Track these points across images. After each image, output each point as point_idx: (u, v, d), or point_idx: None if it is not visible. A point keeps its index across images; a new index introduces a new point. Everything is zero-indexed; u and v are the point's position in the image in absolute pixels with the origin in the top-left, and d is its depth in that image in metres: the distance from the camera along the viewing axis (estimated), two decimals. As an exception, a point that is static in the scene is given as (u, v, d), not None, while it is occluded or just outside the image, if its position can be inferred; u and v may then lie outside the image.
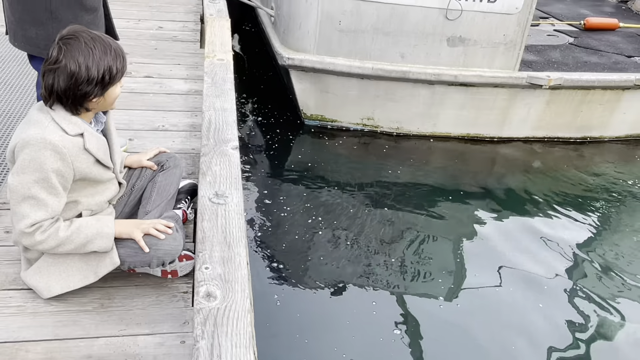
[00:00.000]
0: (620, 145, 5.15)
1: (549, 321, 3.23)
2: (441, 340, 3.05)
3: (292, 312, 3.13)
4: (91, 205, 1.77)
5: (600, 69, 4.76)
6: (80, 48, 1.55)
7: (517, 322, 3.20)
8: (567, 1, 6.87)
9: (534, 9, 4.34)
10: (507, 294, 3.40)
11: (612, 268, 3.75)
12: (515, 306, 3.32)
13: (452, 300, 3.33)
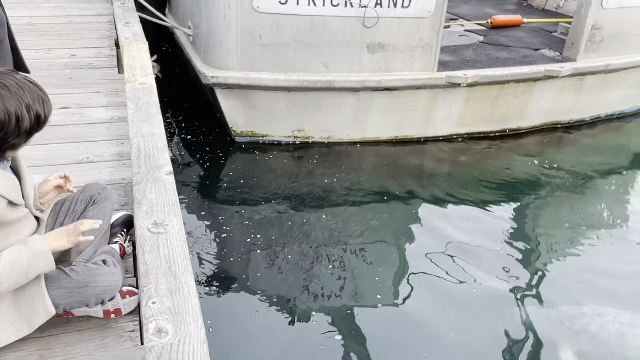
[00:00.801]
0: (536, 134, 5.46)
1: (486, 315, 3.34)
2: (382, 343, 3.08)
3: (247, 334, 3.06)
4: (7, 247, 1.64)
5: (511, 63, 5.03)
6: (8, 96, 1.44)
7: (455, 320, 3.27)
8: (472, 2, 7.23)
9: (445, 11, 4.53)
10: (447, 294, 3.48)
11: (545, 252, 3.96)
12: (454, 304, 3.39)
13: (391, 303, 3.37)
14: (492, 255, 3.82)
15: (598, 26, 4.93)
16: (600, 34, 4.97)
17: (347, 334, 3.10)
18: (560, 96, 5.26)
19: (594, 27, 4.92)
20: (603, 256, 3.90)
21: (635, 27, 5.09)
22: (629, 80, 5.45)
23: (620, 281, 3.63)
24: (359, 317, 3.23)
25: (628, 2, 4.91)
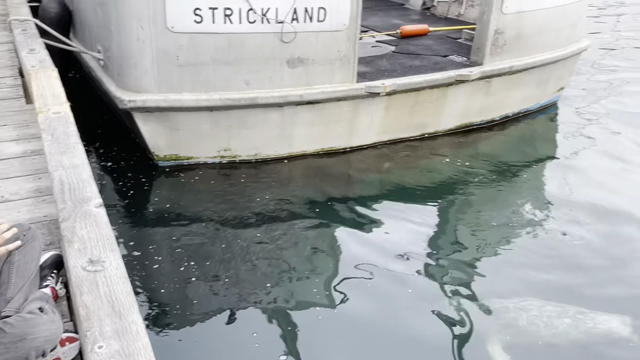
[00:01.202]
0: (452, 136, 5.71)
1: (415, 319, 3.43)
2: (325, 350, 3.09)
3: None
4: None
5: (424, 70, 5.24)
6: None
7: (388, 320, 3.32)
8: (379, 14, 7.47)
9: (359, 24, 4.65)
10: (381, 296, 3.53)
11: (471, 249, 4.13)
12: (388, 306, 3.45)
13: (332, 311, 3.38)
14: (421, 256, 3.92)
15: (500, 31, 5.26)
16: (503, 38, 5.31)
17: (292, 348, 3.06)
18: (471, 99, 5.55)
19: (497, 31, 5.25)
20: (524, 249, 4.10)
21: (533, 29, 5.48)
22: (531, 79, 5.85)
23: (542, 272, 3.82)
24: (302, 330, 3.20)
25: (525, 7, 5.28)
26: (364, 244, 4.04)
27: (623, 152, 5.63)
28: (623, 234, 4.27)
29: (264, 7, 4.28)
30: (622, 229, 4.34)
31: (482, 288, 3.64)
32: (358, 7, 4.56)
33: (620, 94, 7.18)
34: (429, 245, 4.08)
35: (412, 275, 3.71)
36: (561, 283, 3.70)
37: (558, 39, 5.80)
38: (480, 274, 3.80)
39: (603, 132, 6.09)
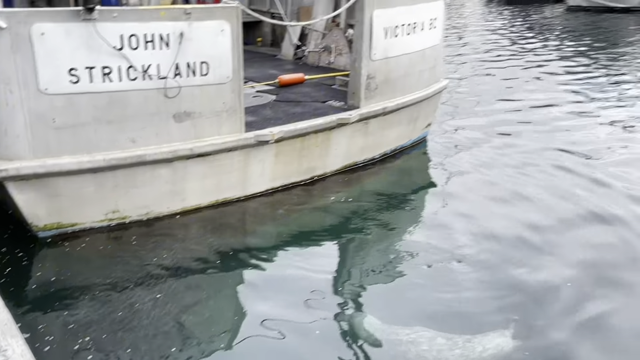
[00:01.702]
0: (338, 176, 5.95)
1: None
2: None
3: None
4: None
5: (308, 116, 5.46)
6: None
7: None
8: (255, 65, 7.67)
9: (242, 75, 4.76)
10: (281, 337, 3.57)
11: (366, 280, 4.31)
12: (290, 344, 3.52)
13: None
14: (320, 299, 3.98)
15: (371, 76, 5.68)
16: (374, 82, 5.73)
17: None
18: (353, 140, 5.86)
19: (369, 77, 5.66)
20: (416, 277, 4.33)
21: (399, 73, 5.99)
22: (403, 118, 6.34)
23: (434, 300, 4.02)
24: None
25: (390, 53, 5.77)
26: (263, 295, 4.03)
27: (489, 175, 6.27)
28: (504, 253, 4.70)
29: (144, 63, 4.23)
30: (501, 249, 4.78)
31: (379, 318, 3.74)
32: (240, 60, 4.67)
33: (477, 124, 8.02)
34: (327, 286, 4.17)
35: (314, 321, 3.74)
36: (451, 309, 3.91)
37: (421, 80, 6.38)
38: (377, 306, 3.93)
39: (469, 158, 6.73)
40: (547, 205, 5.54)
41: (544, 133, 7.77)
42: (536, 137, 7.61)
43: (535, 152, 6.98)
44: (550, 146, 7.18)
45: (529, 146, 7.21)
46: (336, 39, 7.59)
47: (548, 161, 6.67)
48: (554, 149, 7.08)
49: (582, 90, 10.48)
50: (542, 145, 7.24)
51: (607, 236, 4.98)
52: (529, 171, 6.37)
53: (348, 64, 6.96)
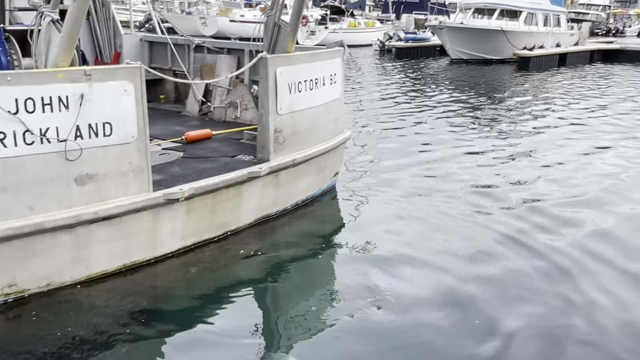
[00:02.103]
0: (252, 229, 5.93)
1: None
2: None
3: None
4: None
5: (218, 172, 5.44)
6: None
7: None
8: (159, 122, 7.56)
9: (148, 133, 4.68)
10: None
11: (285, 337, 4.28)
12: None
13: None
14: (241, 349, 3.92)
15: (279, 129, 5.81)
16: (282, 135, 5.86)
17: None
18: (264, 193, 5.90)
19: (276, 130, 5.78)
20: (332, 322, 4.38)
21: (305, 126, 6.18)
22: (312, 169, 6.50)
23: (351, 348, 4.05)
24: None
25: (295, 107, 5.95)
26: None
27: (398, 216, 6.56)
28: (420, 294, 4.88)
29: (42, 127, 4.04)
30: (417, 289, 4.97)
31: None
32: (145, 118, 4.60)
33: (381, 169, 8.40)
34: (246, 343, 4.08)
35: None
36: (370, 352, 3.99)
37: (327, 131, 6.62)
38: (299, 354, 3.91)
39: (377, 202, 7.01)
40: (459, 240, 5.88)
41: (446, 173, 8.31)
42: (438, 176, 8.13)
43: (437, 191, 7.42)
44: (452, 186, 7.68)
45: (433, 185, 7.66)
46: (241, 94, 7.71)
47: (453, 199, 7.12)
48: (457, 187, 7.57)
49: (472, 131, 11.36)
50: (445, 184, 7.72)
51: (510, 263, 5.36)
52: (436, 207, 6.78)
53: (255, 118, 7.08)
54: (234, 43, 8.59)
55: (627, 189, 8.02)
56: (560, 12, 33.34)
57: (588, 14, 63.10)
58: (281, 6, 6.15)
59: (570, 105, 15.69)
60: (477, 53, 27.17)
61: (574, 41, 33.87)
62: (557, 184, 8.06)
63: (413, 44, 31.29)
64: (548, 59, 27.21)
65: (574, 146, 10.54)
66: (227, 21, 36.54)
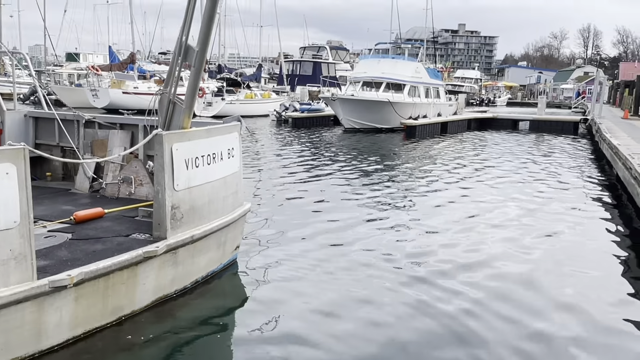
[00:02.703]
0: (149, 312, 5.63)
1: None
2: None
3: None
4: None
5: (110, 253, 5.18)
6: None
7: None
8: (45, 202, 7.13)
9: (32, 217, 4.39)
10: None
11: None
12: None
13: None
14: None
15: (176, 206, 5.70)
16: (180, 211, 5.75)
17: None
18: (162, 272, 5.69)
19: (173, 207, 5.67)
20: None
21: (203, 201, 6.12)
22: (212, 244, 6.40)
23: None
24: None
25: (193, 183, 5.91)
26: None
27: (300, 285, 6.56)
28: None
29: None
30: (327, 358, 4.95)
31: None
32: (28, 201, 4.34)
33: (283, 241, 8.43)
34: None
35: None
36: None
37: (225, 205, 6.60)
38: None
39: (279, 274, 6.98)
40: (360, 309, 5.97)
41: (346, 241, 8.51)
42: (338, 245, 8.29)
43: (339, 260, 7.56)
44: (355, 255, 7.87)
45: (334, 255, 7.80)
46: (136, 170, 7.52)
47: (355, 268, 7.28)
48: (360, 256, 7.77)
49: (369, 199, 11.84)
50: (346, 253, 7.89)
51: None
52: (338, 278, 6.86)
53: (150, 194, 6.90)
54: (127, 118, 8.44)
55: (521, 248, 8.69)
56: (438, 85, 36.64)
57: (463, 86, 69.82)
58: (176, 83, 6.19)
59: (455, 169, 16.96)
60: (368, 122, 28.81)
61: (453, 111, 37.13)
62: (447, 246, 8.55)
63: (308, 114, 32.55)
64: (432, 127, 29.44)
65: (461, 208, 11.32)
66: (120, 93, 35.89)
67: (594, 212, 11.32)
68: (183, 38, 5.96)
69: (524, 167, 17.55)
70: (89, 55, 55.59)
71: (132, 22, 42.02)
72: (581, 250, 8.66)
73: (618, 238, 9.43)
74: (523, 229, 9.67)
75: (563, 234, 9.45)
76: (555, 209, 11.41)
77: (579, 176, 15.99)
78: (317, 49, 57.57)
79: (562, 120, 34.31)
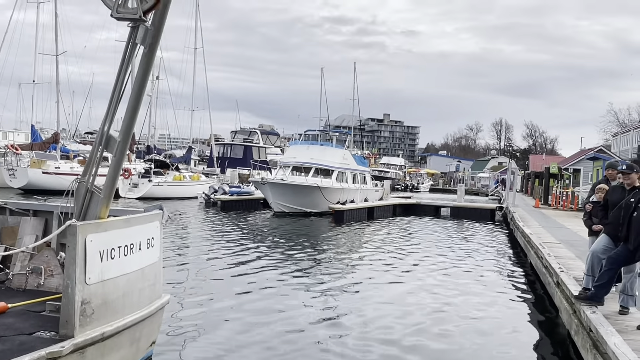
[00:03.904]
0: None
1: None
2: None
3: None
4: None
5: (9, 355, 4.75)
6: None
7: None
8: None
9: None
10: None
11: None
12: None
13: None
14: None
15: (87, 301, 5.40)
16: (91, 307, 5.44)
17: None
18: (67, 373, 5.26)
19: (84, 302, 5.37)
20: None
21: (118, 294, 5.84)
22: (125, 341, 6.03)
23: None
24: None
25: (107, 275, 5.65)
26: None
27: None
28: None
29: None
30: None
31: None
32: None
33: (203, 332, 8.10)
34: None
35: None
36: None
37: (142, 298, 6.32)
38: None
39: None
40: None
41: (276, 331, 8.29)
42: (265, 334, 8.06)
43: (265, 351, 7.32)
44: (283, 346, 7.66)
45: (259, 346, 7.55)
46: (47, 260, 7.11)
47: None
48: (288, 347, 7.56)
49: (299, 285, 11.73)
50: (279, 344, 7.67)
51: None
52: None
53: (61, 286, 6.50)
54: (41, 205, 8.09)
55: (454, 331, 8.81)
56: (365, 171, 38.01)
57: (388, 172, 72.79)
58: (95, 171, 6.07)
59: (382, 253, 17.28)
60: (297, 206, 29.10)
61: (379, 196, 38.38)
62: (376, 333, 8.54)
63: (238, 197, 32.48)
64: (359, 212, 30.14)
65: (389, 290, 11.46)
66: (40, 173, 34.45)
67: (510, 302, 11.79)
68: (105, 127, 5.93)
69: (444, 254, 18.09)
70: (10, 133, 53.50)
71: (58, 101, 41.33)
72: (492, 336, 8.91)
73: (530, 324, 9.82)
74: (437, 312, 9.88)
75: (482, 319, 9.72)
76: (474, 291, 11.81)
77: (495, 264, 16.72)
78: (249, 133, 58.75)
79: (480, 207, 36.20)
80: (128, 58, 5.71)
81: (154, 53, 5.66)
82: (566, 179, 40.69)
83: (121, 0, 5.26)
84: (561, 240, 15.13)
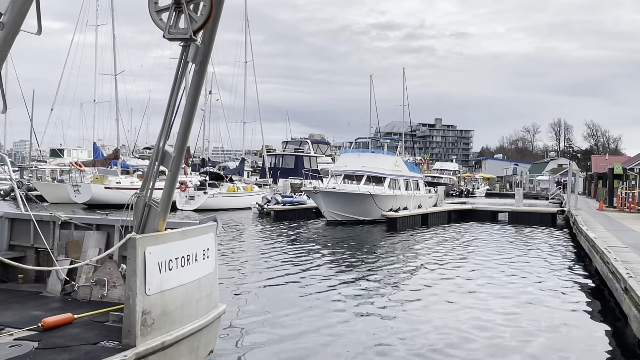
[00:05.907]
0: None
1: None
2: None
3: None
4: None
5: (75, 364, 4.98)
6: None
7: None
8: (14, 307, 6.93)
9: (-5, 329, 4.26)
10: None
11: None
12: None
13: None
14: None
15: (147, 311, 5.58)
16: (151, 317, 5.62)
17: None
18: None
19: (144, 312, 5.55)
20: None
21: (176, 305, 6.01)
22: (183, 350, 6.19)
23: None
24: None
25: (165, 286, 5.83)
26: None
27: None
28: None
29: None
30: None
31: None
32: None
33: (262, 343, 8.18)
34: None
35: None
36: None
37: (199, 308, 6.47)
38: None
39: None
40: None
41: (333, 342, 8.28)
42: (324, 345, 8.06)
43: None
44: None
45: (318, 355, 7.56)
46: (109, 272, 7.42)
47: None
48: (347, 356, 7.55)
49: (357, 294, 11.69)
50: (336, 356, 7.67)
51: None
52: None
53: (123, 296, 6.75)
54: (104, 219, 8.44)
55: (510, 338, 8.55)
56: (418, 177, 37.51)
57: (442, 177, 71.50)
58: (152, 186, 6.29)
59: (439, 262, 16.96)
60: (350, 215, 29.05)
61: (433, 202, 37.76)
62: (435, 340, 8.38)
63: (290, 206, 32.78)
64: (412, 219, 29.74)
65: (456, 300, 11.22)
66: (102, 188, 36.04)
67: (578, 310, 11.29)
68: (160, 144, 6.14)
69: (505, 262, 17.52)
70: (74, 150, 56.34)
71: (117, 118, 43.20)
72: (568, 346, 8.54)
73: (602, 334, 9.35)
74: (506, 324, 9.57)
75: (550, 331, 9.35)
76: (542, 301, 11.38)
77: (558, 271, 16.06)
78: (299, 143, 59.25)
79: (540, 211, 34.92)
80: (181, 75, 5.90)
81: (205, 69, 5.83)
82: (632, 179, 38.67)
83: (172, 21, 5.45)
84: (628, 244, 14.37)
